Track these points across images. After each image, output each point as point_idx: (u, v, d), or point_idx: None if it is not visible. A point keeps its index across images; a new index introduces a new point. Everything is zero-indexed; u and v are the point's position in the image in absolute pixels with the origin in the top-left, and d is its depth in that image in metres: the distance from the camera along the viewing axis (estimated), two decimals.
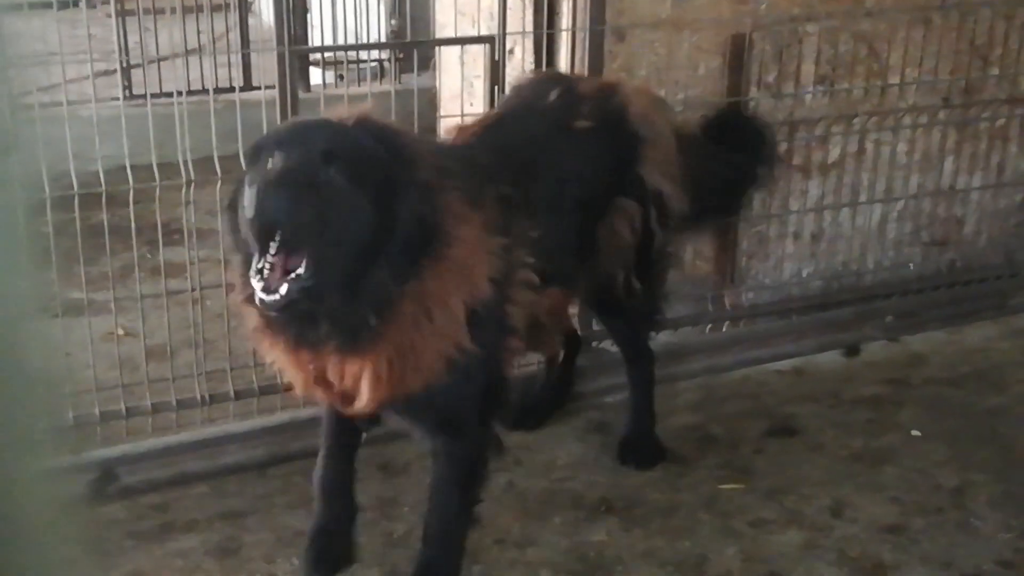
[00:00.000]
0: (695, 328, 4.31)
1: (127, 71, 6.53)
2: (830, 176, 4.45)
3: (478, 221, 2.64)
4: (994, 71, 4.58)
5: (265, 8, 8.31)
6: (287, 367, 2.68)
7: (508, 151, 2.98)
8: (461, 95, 3.93)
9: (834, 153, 4.42)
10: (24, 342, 0.95)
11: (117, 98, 4.91)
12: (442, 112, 4.31)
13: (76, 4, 3.39)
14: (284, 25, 3.62)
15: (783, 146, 4.17)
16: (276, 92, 3.59)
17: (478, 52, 3.97)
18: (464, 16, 4.17)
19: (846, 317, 4.52)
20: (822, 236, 4.53)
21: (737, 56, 4.16)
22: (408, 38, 4.48)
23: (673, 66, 4.04)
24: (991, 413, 3.92)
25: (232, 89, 4.25)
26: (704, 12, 4.09)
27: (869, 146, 4.48)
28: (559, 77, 3.52)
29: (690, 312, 4.27)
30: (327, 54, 6.96)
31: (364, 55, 7.14)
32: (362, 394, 2.59)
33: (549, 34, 3.94)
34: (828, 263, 4.56)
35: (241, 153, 3.12)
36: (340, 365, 2.57)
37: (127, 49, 6.77)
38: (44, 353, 0.99)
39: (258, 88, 4.92)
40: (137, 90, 6.24)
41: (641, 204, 3.30)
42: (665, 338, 4.03)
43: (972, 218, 4.81)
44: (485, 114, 3.36)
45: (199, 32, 6.89)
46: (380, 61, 7.17)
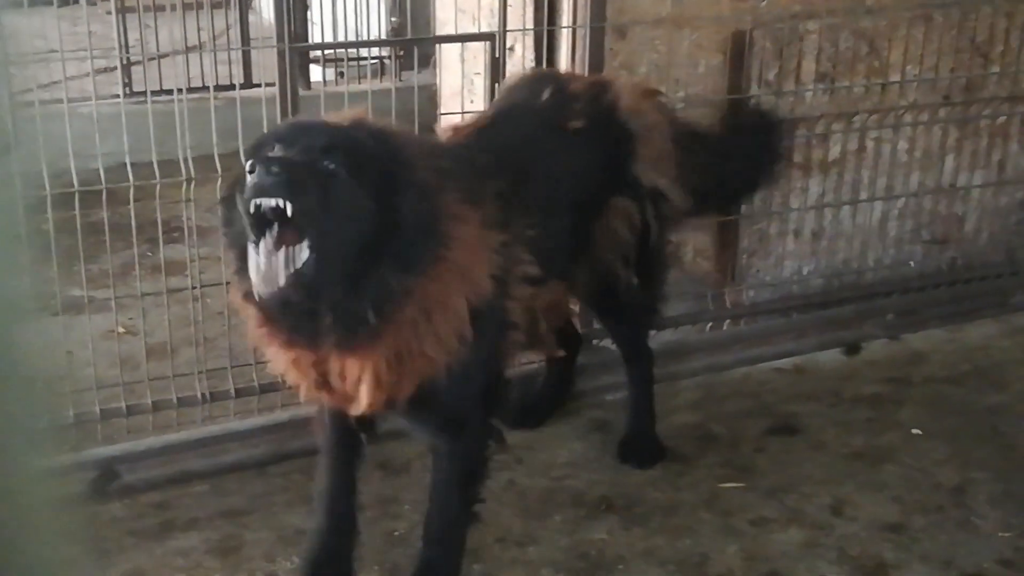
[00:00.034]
0: (695, 326, 4.31)
1: (127, 68, 6.53)
2: (831, 174, 4.45)
3: (477, 219, 2.64)
4: (995, 69, 4.58)
5: (265, 5, 8.31)
6: (289, 368, 2.67)
7: (501, 153, 2.97)
8: (462, 92, 3.93)
9: (835, 151, 4.42)
10: (24, 340, 0.95)
11: (117, 95, 4.89)
12: (443, 109, 4.31)
13: (76, 1, 3.39)
14: (284, 22, 3.62)
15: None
16: (276, 89, 3.58)
17: (479, 49, 3.96)
18: (464, 13, 4.17)
19: (847, 315, 4.52)
20: (823, 234, 4.52)
21: (738, 54, 4.15)
22: (408, 35, 4.46)
23: (674, 64, 4.04)
24: (992, 411, 3.92)
25: (232, 86, 4.24)
26: (705, 9, 4.09)
27: (870, 144, 4.48)
28: (550, 76, 3.50)
29: (690, 310, 4.27)
30: (328, 51, 6.95)
31: (365, 52, 7.14)
32: (361, 396, 2.59)
33: (550, 31, 3.93)
34: (829, 261, 4.56)
35: (242, 151, 3.12)
36: (340, 366, 2.56)
37: (127, 46, 6.77)
38: (44, 351, 0.99)
39: (258, 85, 4.93)
40: (137, 87, 6.24)
41: (637, 201, 3.29)
42: (665, 336, 4.03)
43: (973, 216, 4.81)
44: (477, 115, 3.34)
45: (199, 29, 6.89)
46: (381, 58, 7.17)
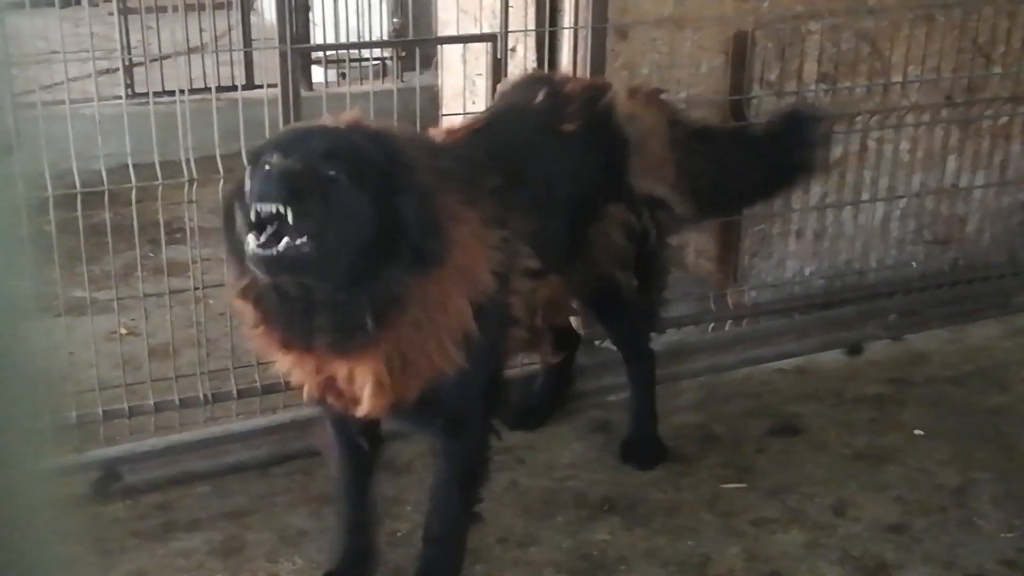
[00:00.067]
0: (698, 327, 4.31)
1: (129, 69, 6.54)
2: (833, 174, 4.44)
3: (476, 218, 2.64)
4: (997, 69, 4.57)
5: (267, 6, 8.31)
6: (293, 368, 2.67)
7: (494, 153, 2.95)
8: (463, 93, 3.93)
9: (836, 151, 4.41)
10: (26, 341, 0.95)
11: (119, 96, 4.90)
12: (444, 110, 4.31)
13: (78, 2, 3.40)
14: (286, 23, 3.62)
15: None
16: (278, 90, 3.58)
17: (480, 50, 3.96)
18: (466, 14, 4.17)
19: (849, 316, 4.51)
20: (825, 234, 4.52)
21: (739, 54, 4.15)
22: (410, 36, 4.45)
23: (675, 64, 4.04)
24: (994, 412, 3.92)
25: (234, 87, 4.24)
26: (707, 10, 4.09)
27: (871, 144, 4.48)
28: (545, 78, 3.50)
29: (693, 311, 4.27)
30: (329, 52, 6.95)
31: (366, 53, 7.15)
32: (365, 399, 2.59)
33: (551, 32, 3.94)
34: (831, 262, 4.56)
35: (243, 151, 3.12)
36: (346, 369, 2.56)
37: (129, 47, 6.78)
38: (46, 352, 0.99)
39: (260, 86, 4.93)
40: (139, 88, 6.25)
41: (633, 209, 3.29)
42: (667, 337, 4.03)
43: (975, 216, 4.80)
44: (471, 118, 3.34)
45: (201, 30, 6.90)
46: (382, 59, 7.17)
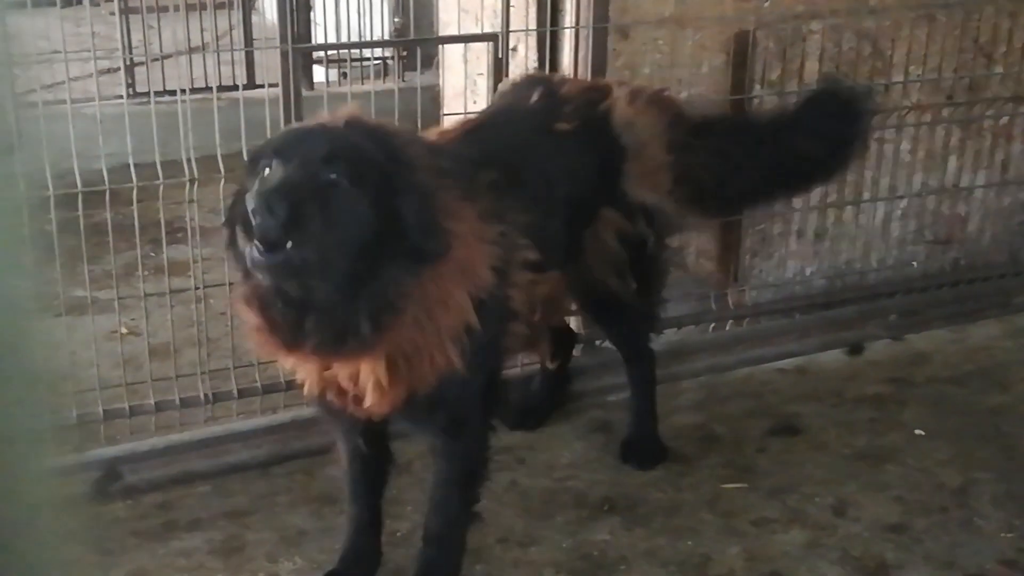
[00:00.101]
0: (698, 327, 4.31)
1: (130, 69, 6.55)
2: None
3: (474, 214, 2.64)
4: (998, 69, 4.57)
5: (268, 6, 8.31)
6: (298, 368, 2.67)
7: (489, 152, 2.94)
8: (464, 93, 3.93)
9: None
10: (27, 340, 0.95)
11: (120, 96, 4.89)
12: (445, 110, 4.31)
13: (80, 2, 3.40)
14: (287, 23, 3.62)
15: None
16: (279, 90, 3.58)
17: (481, 50, 3.97)
18: (467, 14, 4.17)
19: (849, 316, 4.51)
20: (825, 234, 4.52)
21: (741, 54, 4.15)
22: (411, 36, 4.46)
23: (676, 64, 4.04)
24: (994, 412, 3.92)
25: (235, 87, 4.24)
26: (708, 10, 4.09)
27: (873, 144, 4.46)
28: (541, 79, 3.49)
29: (693, 311, 4.27)
30: (331, 52, 6.95)
31: (368, 53, 7.15)
32: (368, 398, 2.59)
33: (552, 32, 3.94)
34: (831, 262, 4.56)
35: (244, 151, 3.12)
36: (351, 368, 2.56)
37: (130, 47, 6.79)
38: (47, 352, 0.99)
39: (262, 86, 4.94)
40: (140, 88, 6.25)
41: (627, 215, 3.29)
42: (668, 337, 4.03)
43: (976, 216, 4.80)
44: (466, 118, 3.33)
45: (202, 30, 6.91)
46: (384, 59, 7.17)
